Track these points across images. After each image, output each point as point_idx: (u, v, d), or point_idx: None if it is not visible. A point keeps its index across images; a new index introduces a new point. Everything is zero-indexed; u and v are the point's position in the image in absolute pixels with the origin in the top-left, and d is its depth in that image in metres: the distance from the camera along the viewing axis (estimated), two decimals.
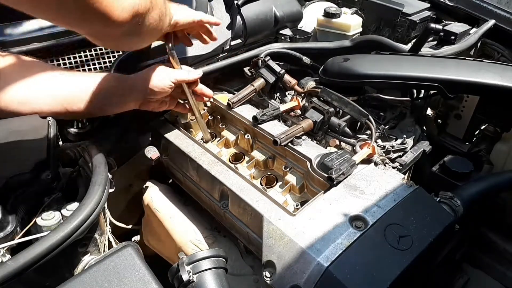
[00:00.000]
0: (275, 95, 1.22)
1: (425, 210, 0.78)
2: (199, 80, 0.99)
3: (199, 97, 1.03)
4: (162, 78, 0.90)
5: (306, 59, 1.32)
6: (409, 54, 1.27)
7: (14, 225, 0.68)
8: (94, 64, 1.05)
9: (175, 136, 1.02)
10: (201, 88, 1.01)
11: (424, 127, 1.20)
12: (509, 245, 1.10)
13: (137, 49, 0.85)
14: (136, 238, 1.21)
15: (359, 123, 1.10)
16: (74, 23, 0.64)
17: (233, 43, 1.28)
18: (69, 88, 0.83)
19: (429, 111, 1.27)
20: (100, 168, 0.75)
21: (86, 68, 1.05)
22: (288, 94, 1.24)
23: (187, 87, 0.96)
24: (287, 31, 1.43)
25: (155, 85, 0.89)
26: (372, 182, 0.83)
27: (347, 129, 1.03)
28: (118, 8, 0.62)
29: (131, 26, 0.67)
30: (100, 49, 1.09)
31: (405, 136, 1.08)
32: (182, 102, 1.03)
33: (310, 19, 1.62)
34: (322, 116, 1.02)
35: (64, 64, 1.02)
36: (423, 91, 1.19)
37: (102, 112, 0.90)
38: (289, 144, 0.93)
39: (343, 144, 1.03)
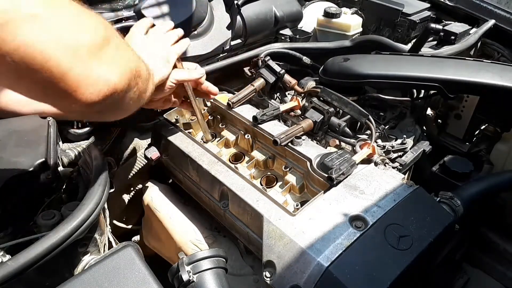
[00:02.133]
0: (275, 95, 1.22)
1: (425, 210, 0.78)
2: (203, 79, 0.98)
3: (205, 95, 1.03)
4: None
5: (306, 59, 1.32)
6: (409, 54, 1.27)
7: (14, 225, 0.68)
8: None
9: (175, 136, 1.02)
10: (207, 86, 1.00)
11: (424, 127, 1.20)
12: (509, 245, 1.10)
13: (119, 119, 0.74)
14: (136, 238, 1.21)
15: (359, 123, 1.10)
16: (37, 97, 0.53)
17: (233, 43, 1.28)
18: None
19: (429, 111, 1.27)
20: (100, 168, 0.75)
21: None
22: (288, 94, 1.24)
23: (189, 86, 0.96)
24: (287, 31, 1.43)
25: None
26: (372, 182, 0.83)
27: (347, 129, 1.03)
28: (88, 89, 0.51)
29: (103, 106, 0.56)
30: None
31: (405, 136, 1.08)
32: (186, 99, 1.03)
33: (310, 19, 1.62)
34: (322, 116, 1.02)
35: None
36: (423, 91, 1.19)
37: None
38: (289, 144, 0.93)
39: (343, 144, 1.03)
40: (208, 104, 1.13)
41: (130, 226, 1.24)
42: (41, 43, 0.45)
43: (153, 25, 0.91)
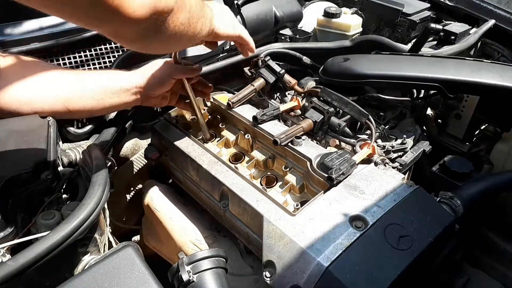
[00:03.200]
0: (275, 95, 1.22)
1: (425, 210, 0.78)
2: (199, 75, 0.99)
3: (199, 93, 1.03)
4: (162, 73, 0.90)
5: (306, 59, 1.32)
6: (409, 54, 1.27)
7: (14, 225, 0.68)
8: (94, 64, 1.05)
9: (175, 136, 1.02)
10: (201, 82, 1.01)
11: (424, 127, 1.20)
12: (510, 245, 1.10)
13: (165, 53, 0.78)
14: (136, 238, 1.21)
15: (359, 123, 1.10)
16: (88, 21, 0.58)
17: (233, 43, 1.28)
18: (70, 87, 0.83)
19: (429, 111, 1.27)
20: (100, 168, 0.75)
21: (86, 68, 1.05)
22: (288, 94, 1.24)
23: (187, 83, 0.96)
24: (287, 31, 1.43)
25: (154, 80, 0.89)
26: (372, 182, 0.83)
27: (347, 129, 1.03)
28: (134, 3, 0.55)
29: (149, 25, 0.60)
30: (100, 49, 1.09)
31: (405, 136, 1.08)
32: (183, 99, 1.03)
33: (310, 19, 1.62)
34: (322, 116, 1.02)
35: (64, 64, 1.02)
36: (423, 91, 1.19)
37: (104, 110, 0.90)
38: (289, 144, 0.93)
39: (343, 144, 1.03)
40: (208, 104, 1.13)
41: (130, 226, 1.24)
42: None
43: None
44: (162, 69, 0.91)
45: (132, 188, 1.22)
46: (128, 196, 1.22)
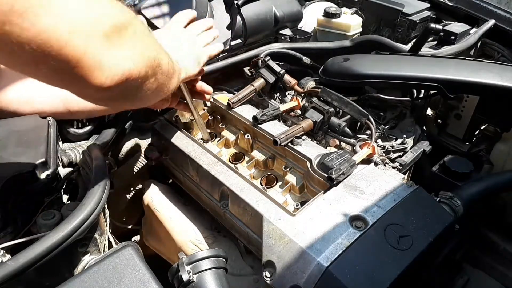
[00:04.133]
0: (275, 95, 1.22)
1: (425, 210, 0.78)
2: (199, 78, 0.98)
3: (199, 95, 1.03)
4: None
5: (306, 59, 1.32)
6: (409, 54, 1.27)
7: (14, 225, 0.68)
8: None
9: (175, 136, 1.02)
10: (201, 85, 1.01)
11: (424, 127, 1.20)
12: (509, 245, 1.10)
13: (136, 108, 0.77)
14: (136, 238, 1.21)
15: (359, 123, 1.10)
16: (54, 83, 0.54)
17: (233, 43, 1.28)
18: None
19: (429, 111, 1.27)
20: (100, 168, 0.75)
21: None
22: (288, 94, 1.24)
23: (184, 85, 0.96)
24: (287, 31, 1.43)
25: None
26: (372, 182, 0.83)
27: (347, 129, 1.03)
28: (103, 74, 0.51)
29: (118, 92, 0.56)
30: None
31: (405, 136, 1.08)
32: (184, 101, 1.03)
33: (310, 19, 1.62)
34: (322, 116, 1.02)
35: None
36: (423, 91, 1.19)
37: (104, 111, 0.90)
38: (289, 144, 0.93)
39: (343, 144, 1.03)
40: (208, 104, 1.13)
41: (130, 226, 1.24)
42: (58, 29, 0.45)
43: (194, 19, 0.90)
44: None
45: (132, 188, 1.22)
46: (128, 196, 1.22)
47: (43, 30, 0.44)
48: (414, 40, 1.40)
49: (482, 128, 1.21)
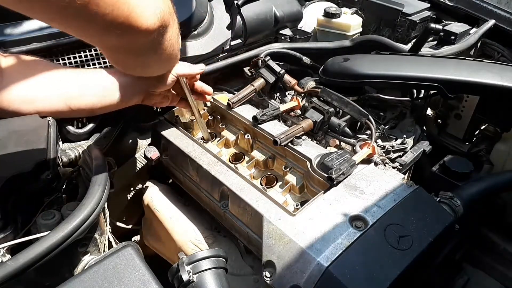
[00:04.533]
0: (275, 95, 1.22)
1: (425, 210, 0.78)
2: (199, 76, 0.99)
3: (199, 95, 1.03)
4: None
5: (306, 59, 1.32)
6: (409, 54, 1.27)
7: (14, 225, 0.68)
8: (94, 64, 1.05)
9: (175, 136, 1.02)
10: (201, 85, 1.01)
11: (424, 127, 1.20)
12: (509, 245, 1.10)
13: (150, 75, 0.85)
14: (136, 238, 1.21)
15: (359, 123, 1.10)
16: (96, 34, 0.60)
17: (233, 43, 1.28)
18: (71, 85, 0.83)
19: (429, 111, 1.27)
20: (100, 168, 0.75)
21: (86, 68, 1.05)
22: (288, 94, 1.24)
23: (186, 84, 0.96)
24: (287, 31, 1.43)
25: (156, 77, 0.89)
26: (372, 182, 0.83)
27: (347, 129, 1.03)
28: (145, 14, 0.59)
29: (156, 36, 0.65)
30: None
31: (405, 136, 1.08)
32: (184, 99, 1.03)
33: (310, 19, 1.62)
34: (322, 116, 1.02)
35: (64, 64, 1.02)
36: (423, 91, 1.19)
37: (105, 108, 0.90)
38: (289, 144, 0.93)
39: (343, 144, 1.03)
40: (208, 104, 1.13)
41: (130, 226, 1.24)
42: None
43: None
44: None
45: (132, 188, 1.22)
46: (128, 196, 1.22)
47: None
48: (414, 40, 1.40)
49: (482, 128, 1.21)
